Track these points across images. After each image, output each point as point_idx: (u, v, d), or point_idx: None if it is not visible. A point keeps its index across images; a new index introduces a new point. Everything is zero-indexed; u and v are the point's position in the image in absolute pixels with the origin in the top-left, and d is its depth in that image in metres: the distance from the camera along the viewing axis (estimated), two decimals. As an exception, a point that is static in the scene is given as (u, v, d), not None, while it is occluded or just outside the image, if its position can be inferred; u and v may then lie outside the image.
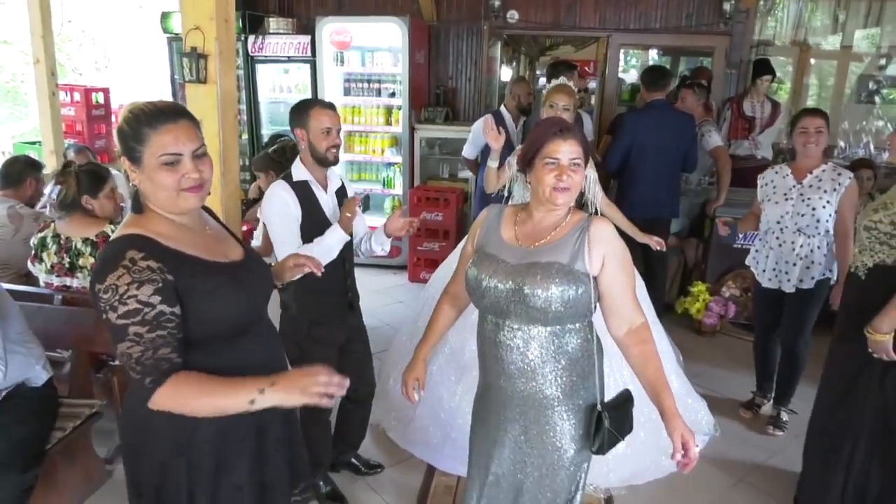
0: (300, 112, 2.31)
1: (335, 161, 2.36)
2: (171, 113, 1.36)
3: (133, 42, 10.38)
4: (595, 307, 1.69)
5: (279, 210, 2.29)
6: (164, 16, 5.82)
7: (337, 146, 2.34)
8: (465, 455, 2.85)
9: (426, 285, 3.68)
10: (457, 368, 2.99)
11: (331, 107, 2.35)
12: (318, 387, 1.27)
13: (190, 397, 1.30)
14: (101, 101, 6.30)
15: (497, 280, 1.66)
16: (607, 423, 1.64)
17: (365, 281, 5.19)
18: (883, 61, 6.23)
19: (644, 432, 2.91)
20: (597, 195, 3.05)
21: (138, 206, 1.41)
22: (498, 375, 1.75)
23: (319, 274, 1.78)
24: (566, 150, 1.62)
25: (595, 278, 1.64)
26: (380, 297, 5.02)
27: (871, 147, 6.28)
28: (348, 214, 2.29)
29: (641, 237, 3.26)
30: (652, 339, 1.68)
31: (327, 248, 2.29)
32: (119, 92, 7.52)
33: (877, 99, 6.37)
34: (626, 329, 1.68)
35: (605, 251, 1.63)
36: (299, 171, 2.35)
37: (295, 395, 1.28)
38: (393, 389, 3.23)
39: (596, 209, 3.14)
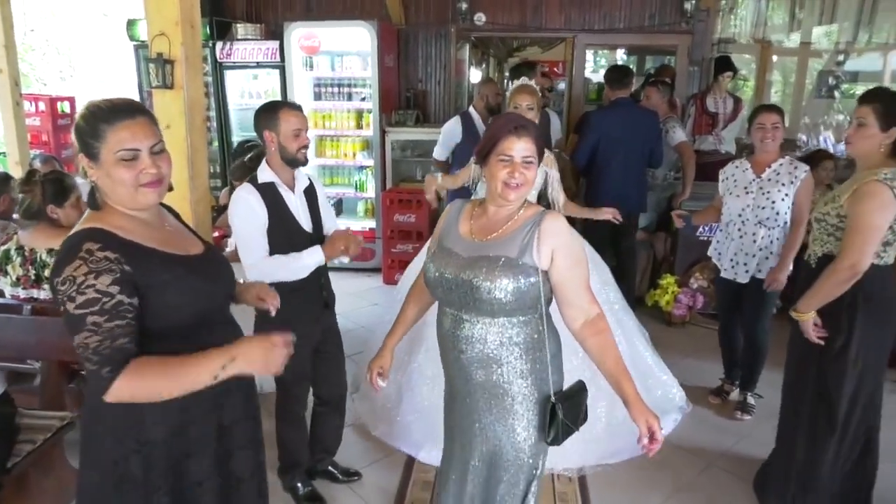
0: (268, 114, 2.29)
1: (306, 161, 2.37)
2: (128, 109, 1.37)
3: (99, 51, 10.24)
4: (548, 300, 1.72)
5: (244, 214, 2.28)
6: (130, 23, 5.77)
7: (307, 146, 2.35)
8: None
9: (397, 285, 3.71)
10: (435, 364, 3.02)
11: (298, 108, 2.36)
12: (279, 356, 1.35)
13: (152, 378, 1.31)
14: (67, 110, 6.22)
15: (449, 272, 1.71)
16: (561, 414, 1.67)
17: (339, 284, 5.19)
18: (841, 57, 6.43)
19: (622, 412, 2.99)
20: (558, 196, 3.21)
21: (94, 203, 1.42)
22: (457, 366, 1.79)
23: (273, 313, 1.83)
24: (520, 148, 1.66)
25: (546, 272, 1.67)
26: (354, 300, 5.04)
27: (831, 140, 6.48)
28: (342, 248, 2.30)
29: (599, 214, 3.34)
30: (608, 329, 1.71)
31: (302, 266, 2.31)
32: (85, 101, 7.41)
33: (836, 94, 6.56)
34: (581, 321, 1.70)
35: (555, 245, 1.65)
36: (265, 173, 2.33)
37: (258, 368, 1.36)
38: (376, 392, 3.26)
39: (556, 208, 3.28)
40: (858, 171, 2.29)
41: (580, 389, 1.77)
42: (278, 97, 5.69)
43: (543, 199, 3.22)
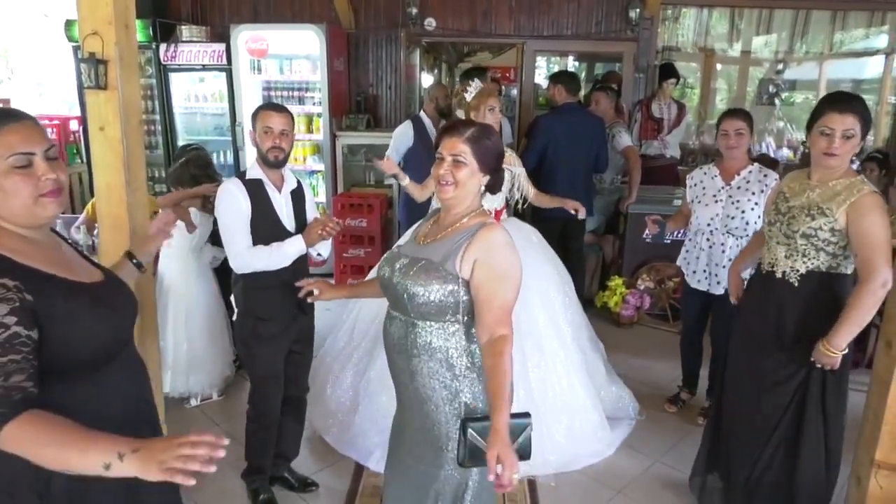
0: (253, 115, 2.43)
1: (276, 162, 2.40)
2: (12, 114, 1.26)
3: (38, 52, 9.86)
4: (469, 311, 1.67)
5: (228, 205, 2.36)
6: (69, 24, 5.56)
7: (278, 147, 2.38)
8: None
9: None
10: None
11: (277, 109, 2.42)
12: (177, 460, 1.05)
13: (36, 444, 1.11)
14: (2, 113, 5.96)
15: (388, 271, 1.76)
16: (470, 434, 1.55)
17: (290, 290, 5.16)
18: (780, 66, 6.70)
19: (578, 421, 3.03)
20: (528, 190, 3.35)
21: None
22: (391, 365, 1.84)
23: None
24: (449, 146, 1.69)
25: (467, 281, 1.65)
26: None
27: (773, 145, 6.74)
28: (320, 232, 2.34)
29: (567, 203, 3.43)
30: (505, 355, 1.56)
31: (283, 254, 2.37)
32: (22, 104, 7.13)
33: (776, 101, 6.83)
34: (486, 338, 1.62)
35: (479, 257, 1.63)
36: (254, 170, 2.43)
37: (153, 470, 1.06)
38: (329, 396, 3.21)
39: (519, 205, 3.36)
40: (823, 180, 2.17)
41: (513, 415, 1.57)
42: (225, 101, 5.59)
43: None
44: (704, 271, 3.19)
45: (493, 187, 1.77)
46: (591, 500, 2.80)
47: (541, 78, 7.16)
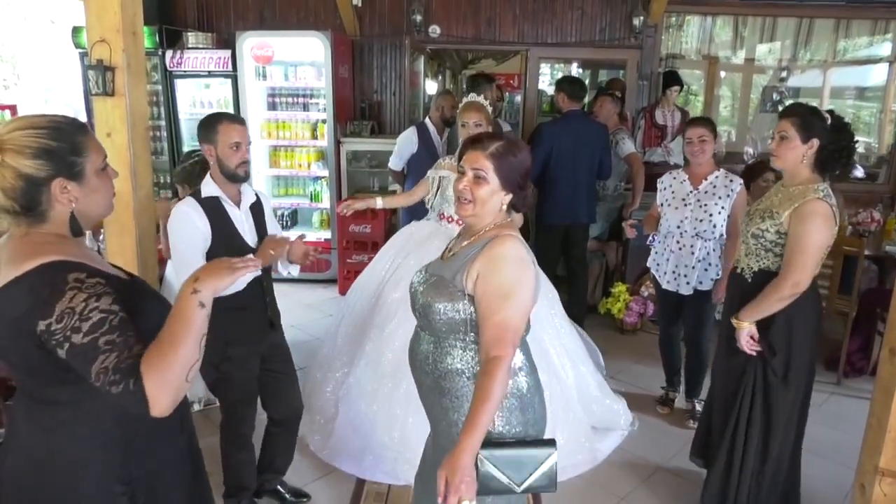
0: (207, 127, 2.23)
1: (246, 177, 2.29)
2: (83, 124, 1.33)
3: (45, 58, 9.93)
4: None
5: (183, 229, 2.19)
6: (76, 30, 5.61)
7: (246, 161, 2.26)
8: (386, 464, 2.87)
9: (346, 295, 3.62)
10: (374, 378, 2.99)
11: (239, 121, 2.28)
12: (238, 265, 1.27)
13: (165, 359, 1.16)
14: (8, 118, 6.01)
15: (415, 288, 1.72)
16: (480, 461, 1.47)
17: (295, 295, 5.19)
18: (784, 73, 6.70)
19: (567, 433, 3.02)
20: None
21: (79, 229, 1.32)
22: (420, 388, 1.79)
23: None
24: (471, 160, 1.61)
25: (471, 297, 1.56)
26: (310, 312, 4.98)
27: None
28: (271, 252, 2.24)
29: None
30: (493, 377, 1.46)
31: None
32: (28, 109, 7.18)
33: (780, 108, 6.80)
34: (483, 356, 1.53)
35: (481, 270, 1.54)
36: (209, 187, 2.26)
37: (218, 272, 1.25)
38: (315, 405, 3.20)
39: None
40: (786, 184, 2.35)
41: (533, 442, 1.53)
42: (231, 107, 5.61)
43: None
44: (674, 272, 3.29)
45: (517, 206, 1.67)
46: (594, 507, 2.80)
47: (545, 84, 7.19)
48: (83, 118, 6.30)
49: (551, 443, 1.52)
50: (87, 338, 1.14)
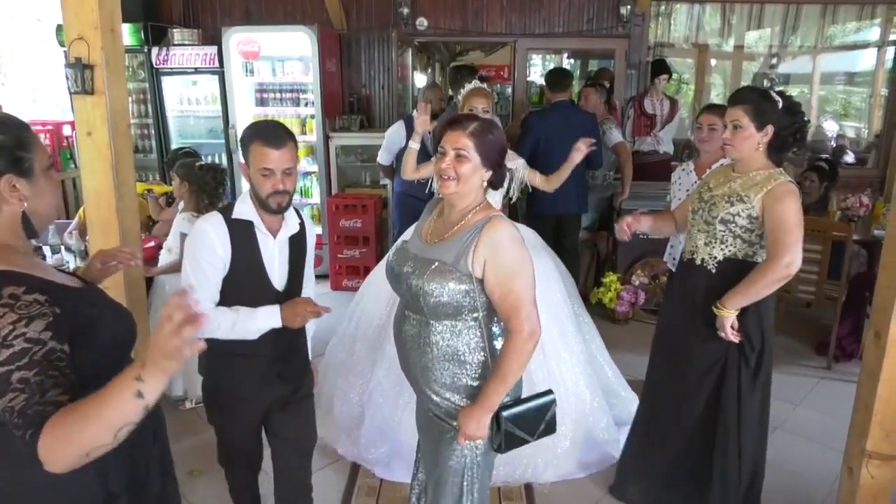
0: (242, 141, 1.85)
1: (279, 210, 1.86)
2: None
3: (31, 57, 9.85)
4: (486, 308, 1.71)
5: (199, 251, 1.83)
6: (59, 28, 5.55)
7: (281, 192, 1.81)
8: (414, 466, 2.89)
9: (355, 298, 3.52)
10: (397, 381, 2.94)
11: (275, 142, 1.78)
12: (176, 346, 1.00)
13: (73, 433, 1.03)
14: (-5, 119, 5.96)
15: (398, 268, 1.77)
16: (504, 422, 1.68)
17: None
18: (774, 60, 6.70)
19: (584, 426, 3.00)
20: (533, 179, 3.35)
21: (33, 231, 1.24)
22: (404, 363, 1.84)
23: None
24: (451, 141, 1.67)
25: (481, 280, 1.66)
26: (302, 308, 4.96)
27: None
28: (300, 319, 1.88)
29: (573, 160, 3.43)
30: (512, 349, 1.65)
31: (249, 329, 1.85)
32: (13, 108, 7.13)
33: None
34: (506, 330, 1.70)
35: (487, 256, 1.64)
36: (244, 207, 1.87)
37: (167, 365, 1.03)
38: (340, 411, 3.15)
39: (512, 198, 3.33)
40: (741, 171, 2.28)
41: (534, 397, 1.75)
42: (218, 103, 5.59)
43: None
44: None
45: (495, 183, 1.75)
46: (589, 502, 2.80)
47: (534, 75, 7.16)
48: (70, 117, 6.25)
49: (549, 392, 1.76)
50: (3, 368, 1.04)
